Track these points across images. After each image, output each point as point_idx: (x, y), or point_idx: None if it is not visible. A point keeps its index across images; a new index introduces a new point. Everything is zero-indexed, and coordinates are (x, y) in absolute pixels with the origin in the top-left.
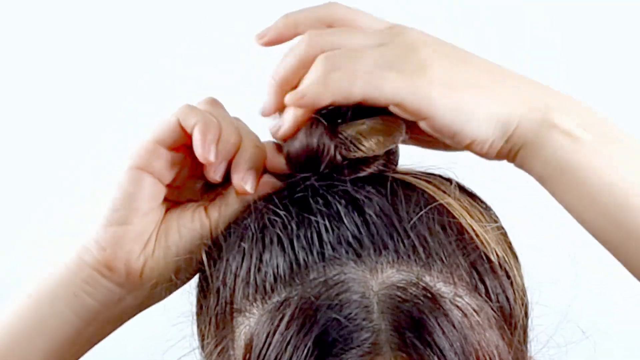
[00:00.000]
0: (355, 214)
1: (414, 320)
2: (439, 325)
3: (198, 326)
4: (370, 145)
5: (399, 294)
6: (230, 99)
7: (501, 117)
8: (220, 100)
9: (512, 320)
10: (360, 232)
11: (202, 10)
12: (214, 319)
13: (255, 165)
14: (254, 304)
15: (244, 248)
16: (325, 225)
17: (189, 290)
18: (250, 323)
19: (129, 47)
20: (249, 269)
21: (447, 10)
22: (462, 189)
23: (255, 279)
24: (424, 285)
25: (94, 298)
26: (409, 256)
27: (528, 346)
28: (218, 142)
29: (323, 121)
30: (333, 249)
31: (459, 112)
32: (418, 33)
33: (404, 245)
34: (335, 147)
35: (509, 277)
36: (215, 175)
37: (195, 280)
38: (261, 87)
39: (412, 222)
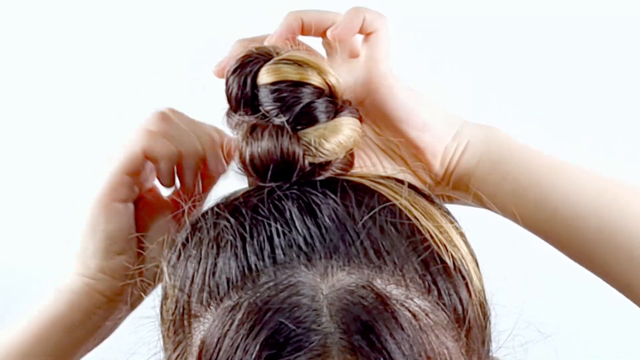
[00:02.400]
0: (308, 217)
1: (362, 323)
2: (387, 328)
3: (162, 332)
4: (332, 148)
5: (348, 297)
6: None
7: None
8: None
9: (466, 321)
10: (312, 236)
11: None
12: (173, 325)
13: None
14: (208, 309)
15: (200, 253)
16: (277, 229)
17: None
18: (204, 328)
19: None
20: (204, 274)
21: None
22: (418, 191)
23: (209, 284)
24: (374, 288)
25: (105, 319)
26: (360, 259)
27: (490, 346)
28: (180, 169)
29: (288, 127)
30: (284, 253)
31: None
32: None
33: (356, 248)
34: (303, 153)
35: (464, 278)
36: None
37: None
38: None
39: (362, 222)
